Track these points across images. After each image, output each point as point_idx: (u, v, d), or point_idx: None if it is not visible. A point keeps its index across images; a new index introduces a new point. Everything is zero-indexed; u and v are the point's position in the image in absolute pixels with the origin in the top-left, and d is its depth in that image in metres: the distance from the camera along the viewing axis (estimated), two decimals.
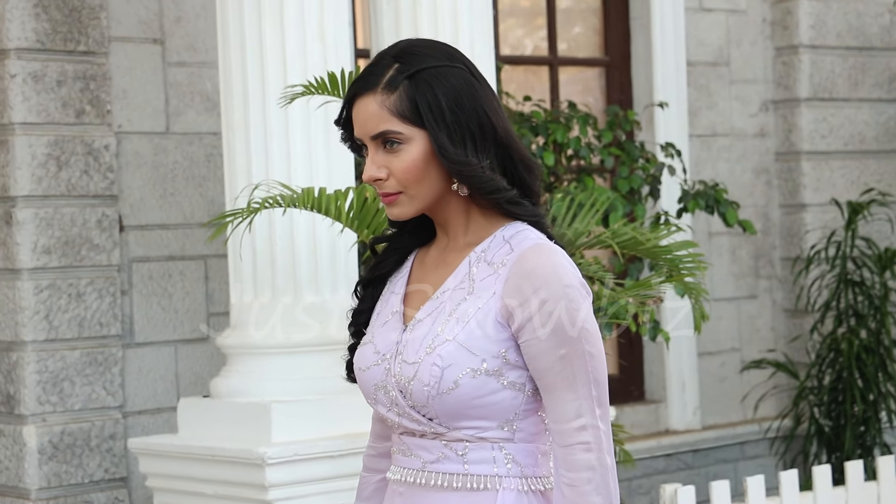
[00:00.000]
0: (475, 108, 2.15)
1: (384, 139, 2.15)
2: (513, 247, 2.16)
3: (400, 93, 2.14)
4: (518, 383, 2.15)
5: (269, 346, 4.16)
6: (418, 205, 2.18)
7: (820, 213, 6.54)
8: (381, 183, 2.17)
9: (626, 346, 6.19)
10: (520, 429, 2.16)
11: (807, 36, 6.50)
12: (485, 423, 2.15)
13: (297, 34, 4.12)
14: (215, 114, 5.05)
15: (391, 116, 2.14)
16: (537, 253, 2.14)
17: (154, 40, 5.02)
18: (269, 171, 4.12)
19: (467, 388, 2.12)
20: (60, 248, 4.78)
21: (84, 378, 4.81)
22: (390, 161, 2.16)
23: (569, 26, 6.27)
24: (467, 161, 2.13)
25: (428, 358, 2.14)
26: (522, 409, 2.16)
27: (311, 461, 3.98)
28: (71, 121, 4.81)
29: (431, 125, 2.13)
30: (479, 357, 2.12)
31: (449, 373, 2.12)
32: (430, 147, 2.14)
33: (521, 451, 2.17)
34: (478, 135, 2.15)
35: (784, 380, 6.50)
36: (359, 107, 2.17)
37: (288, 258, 4.16)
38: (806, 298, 6.42)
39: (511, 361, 2.14)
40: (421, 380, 2.14)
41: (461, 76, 2.16)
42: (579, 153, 5.29)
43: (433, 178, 2.16)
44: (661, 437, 6.14)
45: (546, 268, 2.12)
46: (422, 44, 2.20)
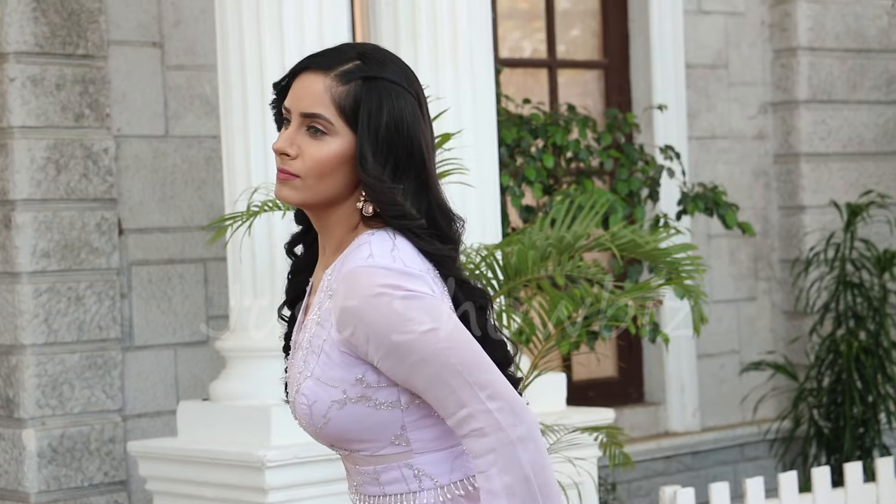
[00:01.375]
0: (411, 137, 2.09)
1: (311, 123, 2.09)
2: (340, 269, 2.08)
3: (350, 88, 2.08)
4: (390, 402, 2.08)
5: (269, 350, 4.15)
6: (309, 198, 2.09)
7: (819, 215, 6.53)
8: (287, 160, 2.09)
9: (626, 348, 6.19)
10: (414, 439, 2.10)
11: (805, 38, 6.50)
12: (374, 443, 2.10)
13: (295, 37, 4.11)
14: (214, 117, 5.05)
15: (330, 104, 2.08)
16: (353, 278, 2.04)
17: (153, 44, 5.01)
18: (269, 174, 4.11)
19: (339, 420, 2.07)
20: (60, 252, 4.77)
21: (83, 381, 4.80)
22: (308, 145, 2.08)
23: (567, 29, 6.27)
24: (381, 178, 2.06)
25: (299, 396, 2.10)
26: (409, 422, 2.10)
27: (310, 464, 3.97)
28: (70, 124, 4.81)
29: (363, 132, 2.07)
30: (339, 388, 2.07)
31: (317, 408, 2.07)
32: (350, 151, 2.08)
33: (429, 461, 2.11)
34: (402, 162, 2.08)
35: (783, 381, 6.50)
36: (303, 79, 2.10)
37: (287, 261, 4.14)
38: (805, 300, 6.41)
39: (372, 384, 2.07)
40: (300, 417, 2.11)
41: (411, 104, 2.10)
42: (578, 156, 5.28)
43: (336, 182, 2.09)
44: (660, 439, 6.14)
45: (361, 290, 2.03)
46: (388, 56, 2.14)
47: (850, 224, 6.21)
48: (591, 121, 5.39)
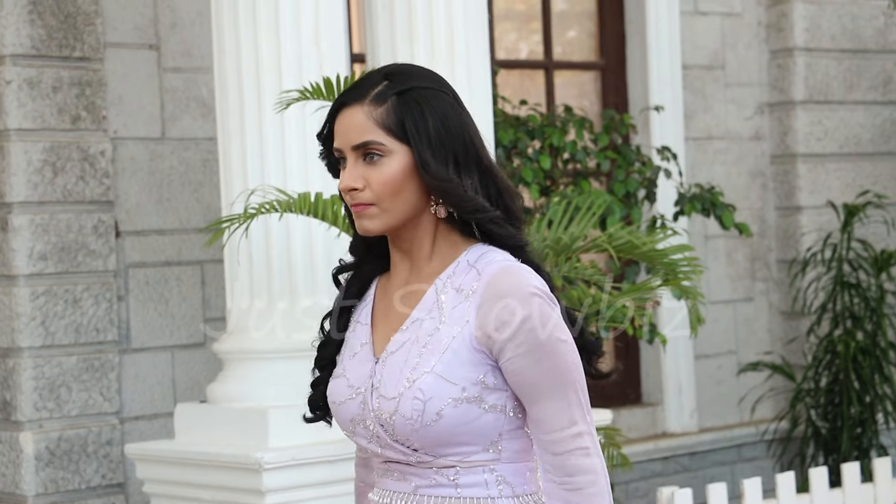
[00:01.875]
0: (461, 131, 2.16)
1: (366, 151, 2.15)
2: (479, 271, 2.15)
3: (388, 106, 2.14)
4: (499, 405, 2.14)
5: (266, 351, 4.15)
6: (390, 220, 2.16)
7: (816, 216, 6.54)
8: (356, 194, 2.16)
9: (623, 348, 6.19)
10: (505, 448, 2.16)
11: (801, 39, 6.51)
12: (469, 448, 2.15)
13: (292, 39, 4.11)
14: (211, 119, 5.05)
15: (376, 128, 2.14)
16: (506, 275, 2.13)
17: (149, 46, 5.01)
18: (265, 177, 4.11)
19: (451, 418, 2.12)
20: (56, 254, 4.77)
21: (81, 384, 4.80)
22: (369, 173, 2.15)
23: (564, 30, 6.27)
24: (449, 178, 2.13)
25: (409, 392, 2.12)
26: (506, 430, 2.16)
27: (308, 466, 3.97)
28: (67, 127, 4.81)
29: (416, 141, 2.13)
30: (459, 386, 2.12)
31: (431, 405, 2.11)
32: (411, 163, 2.14)
33: (510, 470, 2.17)
34: (461, 157, 2.15)
35: (781, 382, 6.50)
36: (343, 117, 2.17)
37: (284, 263, 4.15)
38: (802, 301, 6.42)
39: (490, 385, 2.14)
40: (403, 414, 2.12)
41: (448, 101, 2.17)
42: (575, 157, 5.28)
43: (409, 196, 2.15)
44: (658, 440, 6.14)
45: (517, 287, 2.12)
46: (412, 67, 2.22)
47: (846, 224, 6.22)
48: (587, 122, 5.39)
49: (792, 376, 6.28)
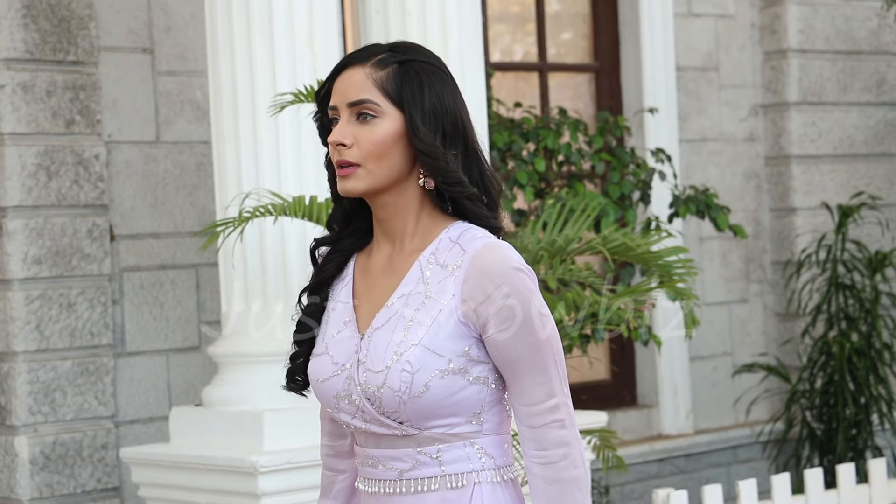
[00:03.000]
0: (454, 110, 2.23)
1: (360, 110, 2.20)
2: (463, 247, 2.21)
3: (389, 72, 2.21)
4: (482, 377, 2.20)
5: (261, 355, 4.15)
6: (373, 183, 2.20)
7: (810, 217, 6.54)
8: (343, 150, 2.20)
9: (618, 351, 6.19)
10: (486, 420, 2.22)
11: (795, 40, 6.51)
12: (454, 419, 2.20)
13: (286, 43, 4.11)
14: (205, 123, 5.05)
15: (374, 88, 2.20)
16: (490, 250, 2.19)
17: (143, 50, 5.01)
18: (260, 180, 4.12)
19: (437, 389, 2.17)
20: (51, 258, 4.77)
21: (76, 388, 4.80)
22: (360, 132, 2.20)
23: (558, 32, 6.28)
24: (435, 145, 2.19)
25: (396, 365, 2.17)
26: (488, 401, 2.21)
27: (303, 469, 3.97)
28: (61, 130, 4.81)
29: (410, 107, 2.19)
30: (446, 358, 2.17)
31: (419, 377, 2.16)
32: (402, 129, 2.20)
33: (491, 443, 2.23)
34: (450, 132, 2.22)
35: (776, 383, 6.51)
36: (344, 76, 2.23)
37: (279, 266, 4.15)
38: (797, 302, 6.42)
39: (474, 358, 2.19)
40: (391, 386, 2.17)
41: (447, 81, 2.25)
42: (570, 159, 5.29)
43: (395, 161, 2.20)
44: (653, 442, 6.14)
45: (501, 263, 2.18)
46: (416, 45, 2.29)
47: (841, 226, 6.22)
48: (582, 124, 5.39)
49: (787, 378, 6.29)
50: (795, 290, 6.42)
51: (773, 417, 6.38)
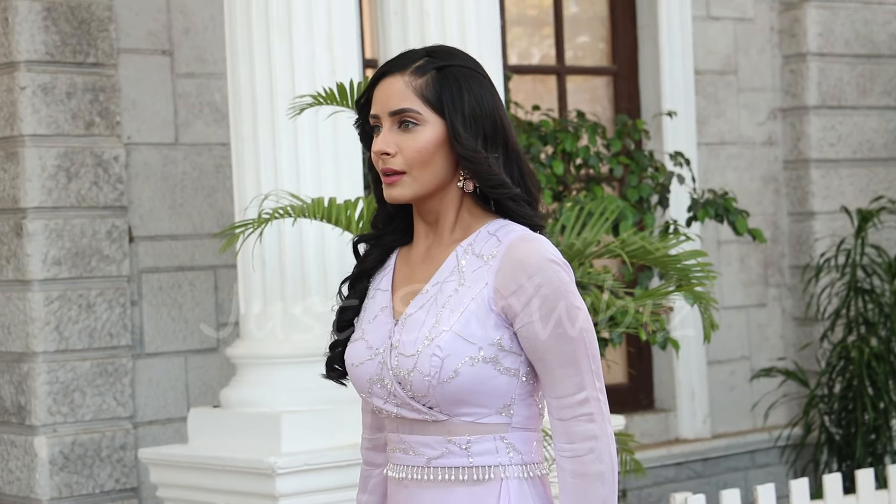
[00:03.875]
0: (493, 112, 2.25)
1: (402, 118, 2.24)
2: (500, 239, 2.24)
3: (428, 79, 2.24)
4: (513, 369, 2.22)
5: (279, 356, 4.16)
6: (419, 189, 2.24)
7: (829, 221, 6.53)
8: (388, 158, 2.24)
9: (636, 354, 6.19)
10: (516, 413, 2.23)
11: (815, 44, 6.50)
12: (483, 409, 2.21)
13: (305, 45, 4.12)
14: (224, 124, 5.06)
15: (414, 97, 2.23)
16: (525, 241, 2.23)
17: (163, 52, 5.03)
18: (279, 182, 4.13)
19: (466, 376, 2.19)
20: (70, 260, 4.78)
21: (94, 389, 4.82)
22: (403, 140, 2.24)
23: (576, 35, 6.28)
24: (477, 150, 2.22)
25: (427, 349, 2.20)
26: (518, 394, 2.23)
27: (320, 471, 3.98)
28: (80, 132, 4.83)
29: (451, 113, 2.22)
30: (476, 345, 2.20)
31: (449, 362, 2.19)
32: (443, 135, 2.23)
33: (520, 438, 2.24)
34: (490, 135, 2.24)
35: (794, 388, 6.49)
36: (384, 85, 2.26)
37: (297, 268, 4.16)
38: (815, 306, 6.41)
39: (506, 348, 2.21)
40: (421, 370, 2.20)
41: (485, 83, 2.27)
42: (588, 162, 5.29)
43: (439, 166, 2.24)
44: (670, 446, 6.13)
45: (535, 254, 2.21)
46: (453, 49, 2.32)
47: (860, 230, 6.21)
48: (600, 127, 5.39)
49: (805, 382, 6.27)
50: (814, 295, 6.40)
51: (792, 422, 6.36)
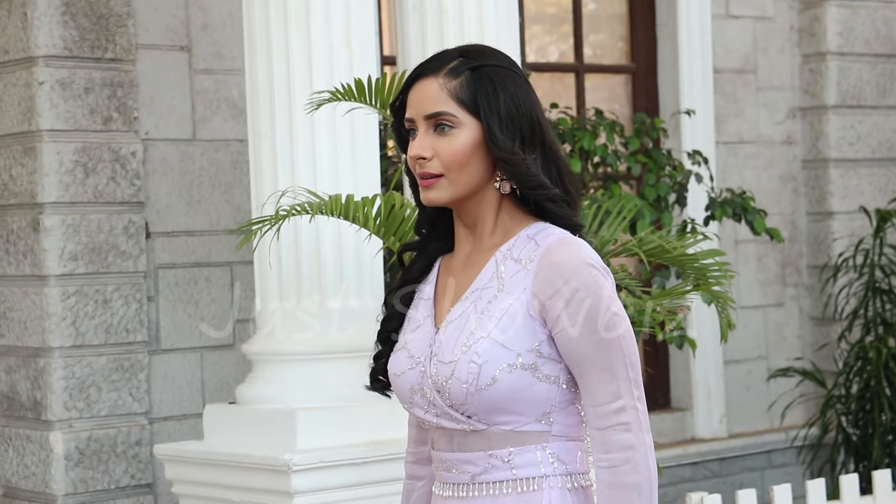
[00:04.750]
0: (529, 111, 2.23)
1: (437, 121, 2.22)
2: (538, 242, 2.22)
3: (462, 80, 2.22)
4: (552, 376, 2.20)
5: (295, 353, 4.16)
6: (456, 192, 2.23)
7: (847, 221, 6.50)
8: (424, 163, 2.23)
9: (652, 353, 6.17)
10: (556, 421, 2.21)
11: (834, 43, 6.47)
12: (522, 417, 2.19)
13: (323, 41, 4.12)
14: (241, 121, 5.06)
15: (449, 99, 2.22)
16: (563, 245, 2.20)
17: (181, 48, 5.03)
18: (296, 178, 4.12)
19: (505, 384, 2.17)
20: (87, 255, 4.79)
21: (110, 384, 4.82)
22: (439, 143, 2.22)
23: (595, 33, 6.26)
24: (514, 152, 2.20)
25: (464, 356, 2.18)
26: (558, 401, 2.21)
27: (336, 468, 3.98)
28: (98, 128, 4.83)
29: (486, 114, 2.20)
30: (514, 352, 2.18)
31: (486, 369, 2.17)
32: (480, 137, 2.21)
33: (563, 448, 2.22)
34: (528, 135, 2.22)
35: (811, 388, 6.47)
36: (418, 88, 2.25)
37: (314, 265, 4.16)
38: (833, 306, 6.38)
39: (545, 355, 2.19)
40: (459, 378, 2.18)
41: (520, 82, 2.26)
42: (606, 160, 5.27)
43: (476, 169, 2.22)
44: (686, 446, 6.12)
45: (573, 258, 2.18)
46: (487, 47, 2.30)
47: (879, 230, 6.18)
48: (618, 125, 5.38)
49: (822, 382, 6.25)
50: (832, 295, 6.38)
51: (809, 422, 6.34)
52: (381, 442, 4.03)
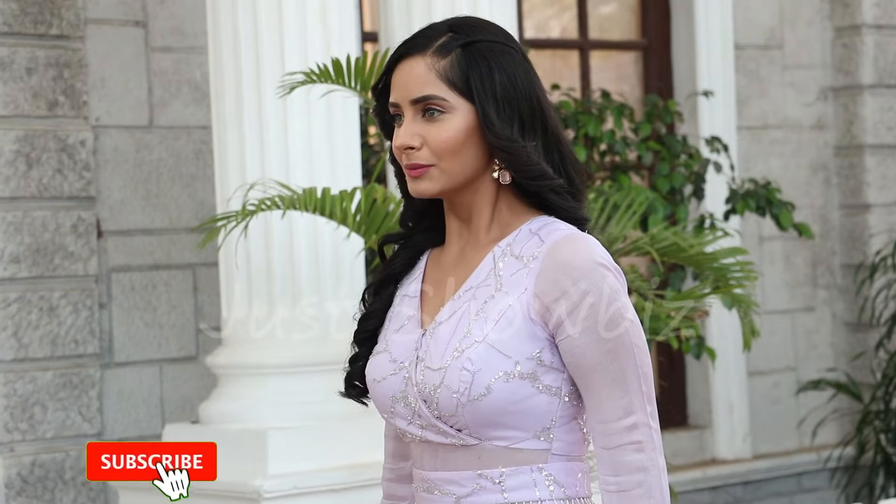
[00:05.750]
0: (529, 91, 2.22)
1: (425, 106, 2.21)
2: (542, 238, 2.21)
3: (452, 59, 2.21)
4: (554, 387, 2.19)
5: (265, 366, 4.17)
6: (447, 182, 2.22)
7: (885, 215, 6.53)
8: (412, 153, 2.22)
9: (667, 364, 6.19)
10: (557, 438, 2.20)
11: (871, 14, 6.50)
12: (519, 432, 2.18)
13: (296, 16, 4.13)
14: (205, 105, 5.07)
15: (438, 81, 2.20)
16: (571, 242, 2.19)
17: (136, 23, 5.04)
18: (266, 170, 4.13)
19: (500, 394, 2.16)
20: (31, 257, 4.80)
21: (57, 402, 4.83)
22: (428, 130, 2.21)
23: (601, 5, 6.28)
24: (513, 138, 2.19)
25: (456, 362, 2.17)
26: (559, 416, 2.20)
27: (312, 495, 3.99)
28: (43, 113, 4.84)
29: (481, 97, 2.19)
30: (513, 359, 2.16)
31: (480, 377, 2.16)
32: (474, 122, 2.20)
33: (562, 469, 2.21)
34: (527, 118, 2.21)
35: (846, 402, 6.50)
36: (403, 68, 2.23)
37: (287, 267, 4.17)
38: (870, 311, 6.41)
39: (546, 363, 2.18)
40: (449, 386, 2.17)
41: (517, 58, 2.24)
42: (614, 148, 5.29)
43: (469, 157, 2.21)
44: (706, 467, 6.14)
45: (583, 257, 2.17)
46: (479, 20, 2.28)
47: None
48: (627, 109, 5.40)
49: (858, 396, 6.27)
50: (868, 298, 6.40)
51: (843, 441, 6.36)
52: (362, 465, 4.05)
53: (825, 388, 6.36)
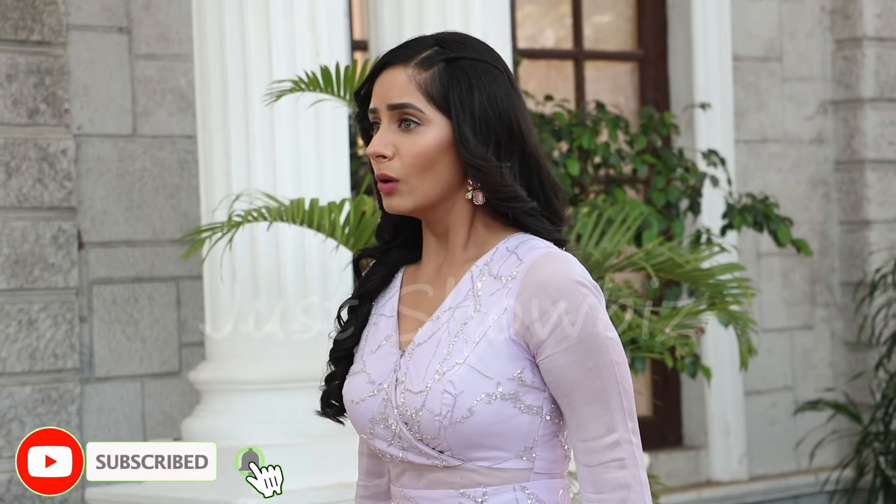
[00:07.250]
0: (508, 113, 2.25)
1: (402, 115, 2.25)
2: (520, 257, 2.24)
3: (434, 73, 2.25)
4: (535, 407, 2.22)
5: (250, 382, 4.18)
6: (418, 200, 2.25)
7: (886, 232, 6.55)
8: (384, 162, 2.25)
9: (661, 383, 6.20)
10: (539, 457, 2.23)
11: (872, 27, 6.53)
12: (502, 452, 2.21)
13: (284, 23, 4.14)
14: (190, 114, 5.08)
15: (417, 92, 2.24)
16: (549, 261, 2.22)
17: (119, 29, 5.05)
18: (252, 180, 4.14)
19: (483, 416, 2.19)
20: (10, 269, 4.80)
21: (36, 418, 4.83)
22: (402, 141, 2.24)
23: (597, 15, 6.30)
24: (486, 157, 2.22)
25: (437, 385, 2.20)
26: (541, 435, 2.23)
27: None
28: (23, 121, 4.84)
29: (458, 113, 2.23)
30: (494, 380, 2.20)
31: (462, 400, 2.19)
32: (449, 138, 2.24)
33: (544, 488, 2.24)
34: (504, 139, 2.24)
35: (845, 424, 6.51)
36: (385, 76, 2.27)
37: (273, 280, 4.18)
38: (870, 330, 6.42)
39: (527, 383, 2.21)
40: (431, 409, 2.20)
41: (500, 78, 2.27)
42: (608, 161, 5.31)
43: (441, 174, 2.25)
44: (701, 489, 6.15)
45: (562, 276, 2.21)
46: (467, 37, 2.31)
47: None
48: (622, 121, 5.42)
49: (858, 417, 6.29)
50: (868, 316, 6.42)
51: (842, 463, 6.37)
52: (350, 484, 4.05)
53: (823, 408, 6.37)
